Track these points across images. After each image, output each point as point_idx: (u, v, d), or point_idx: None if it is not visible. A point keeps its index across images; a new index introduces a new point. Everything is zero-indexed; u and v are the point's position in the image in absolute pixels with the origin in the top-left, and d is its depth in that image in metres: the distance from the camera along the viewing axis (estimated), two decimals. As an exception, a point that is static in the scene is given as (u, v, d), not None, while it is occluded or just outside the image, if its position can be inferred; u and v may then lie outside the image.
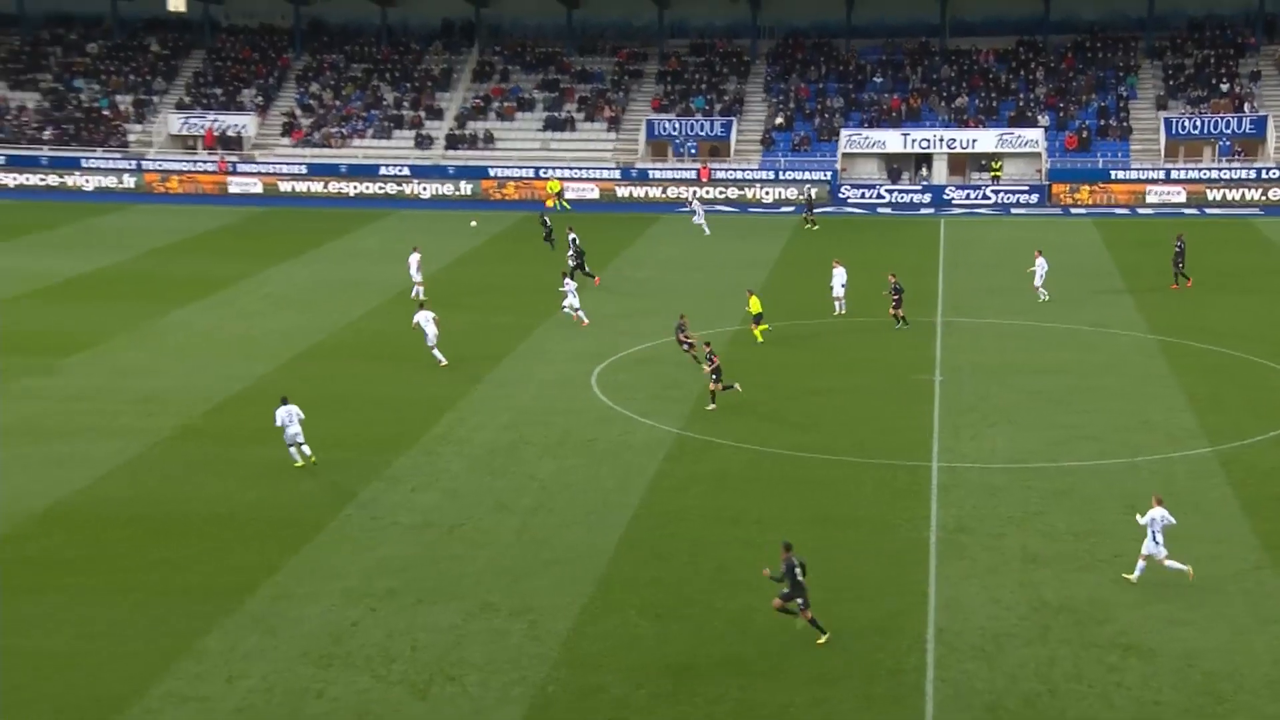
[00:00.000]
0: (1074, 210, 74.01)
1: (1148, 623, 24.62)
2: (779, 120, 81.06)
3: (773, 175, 77.83)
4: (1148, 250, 57.46)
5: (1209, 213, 72.94)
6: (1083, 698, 22.08)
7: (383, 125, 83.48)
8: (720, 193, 77.18)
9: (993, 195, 75.77)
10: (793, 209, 74.62)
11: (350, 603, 25.50)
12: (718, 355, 37.72)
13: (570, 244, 54.10)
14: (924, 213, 73.94)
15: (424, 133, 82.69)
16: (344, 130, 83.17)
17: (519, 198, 77.13)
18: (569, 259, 53.08)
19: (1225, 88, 79.47)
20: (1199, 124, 77.54)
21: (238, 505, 30.53)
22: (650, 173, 78.91)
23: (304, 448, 32.71)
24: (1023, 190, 75.66)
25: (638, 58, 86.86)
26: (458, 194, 78.46)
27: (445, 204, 76.80)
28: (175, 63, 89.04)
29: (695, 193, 71.19)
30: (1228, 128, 77.00)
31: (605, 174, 78.88)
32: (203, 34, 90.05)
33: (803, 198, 72.03)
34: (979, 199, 75.78)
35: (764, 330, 44.36)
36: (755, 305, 44.38)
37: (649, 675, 22.78)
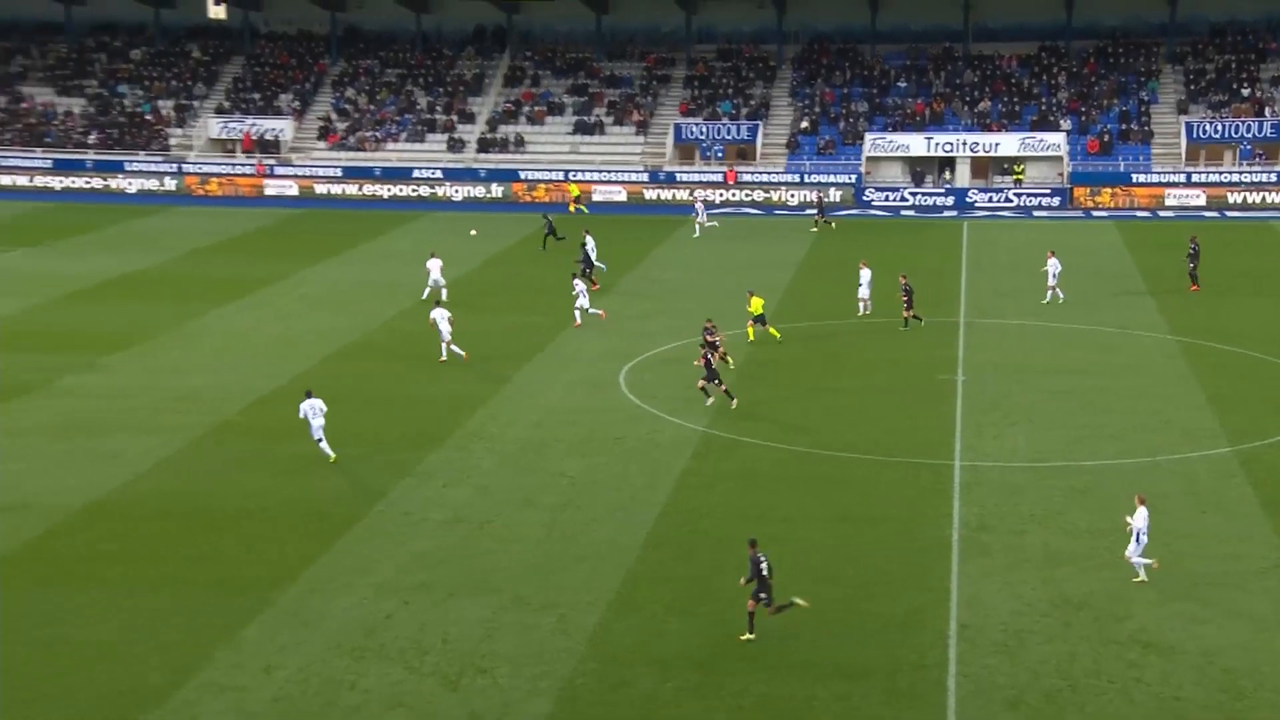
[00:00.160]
0: (1095, 213, 73.59)
1: (1167, 620, 24.46)
2: (804, 124, 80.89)
3: (798, 178, 77.63)
4: (1168, 253, 57.04)
5: (1229, 216, 72.40)
6: (1103, 693, 21.96)
7: (416, 129, 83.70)
8: (746, 195, 77.08)
9: (1015, 198, 75.39)
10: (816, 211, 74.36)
11: (383, 596, 25.57)
12: (713, 356, 37.46)
13: (580, 247, 53.91)
14: (947, 215, 73.65)
15: (456, 136, 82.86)
16: (378, 134, 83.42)
17: (549, 200, 77.15)
18: (577, 262, 52.86)
19: (1246, 92, 78.87)
20: (1220, 128, 77.00)
21: (274, 500, 30.65)
22: (677, 176, 78.84)
23: (323, 444, 32.72)
24: (1044, 193, 75.27)
25: (665, 63, 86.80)
26: (489, 196, 78.57)
27: (477, 206, 76.91)
28: (215, 69, 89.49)
29: (698, 195, 70.69)
30: (1248, 132, 76.41)
31: (633, 177, 78.84)
32: (242, 41, 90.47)
33: (814, 200, 71.79)
34: (1001, 202, 75.41)
35: (772, 331, 43.86)
36: (756, 306, 44.12)
37: (675, 669, 22.77)
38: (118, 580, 26.40)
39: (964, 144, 77.80)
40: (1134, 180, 75.07)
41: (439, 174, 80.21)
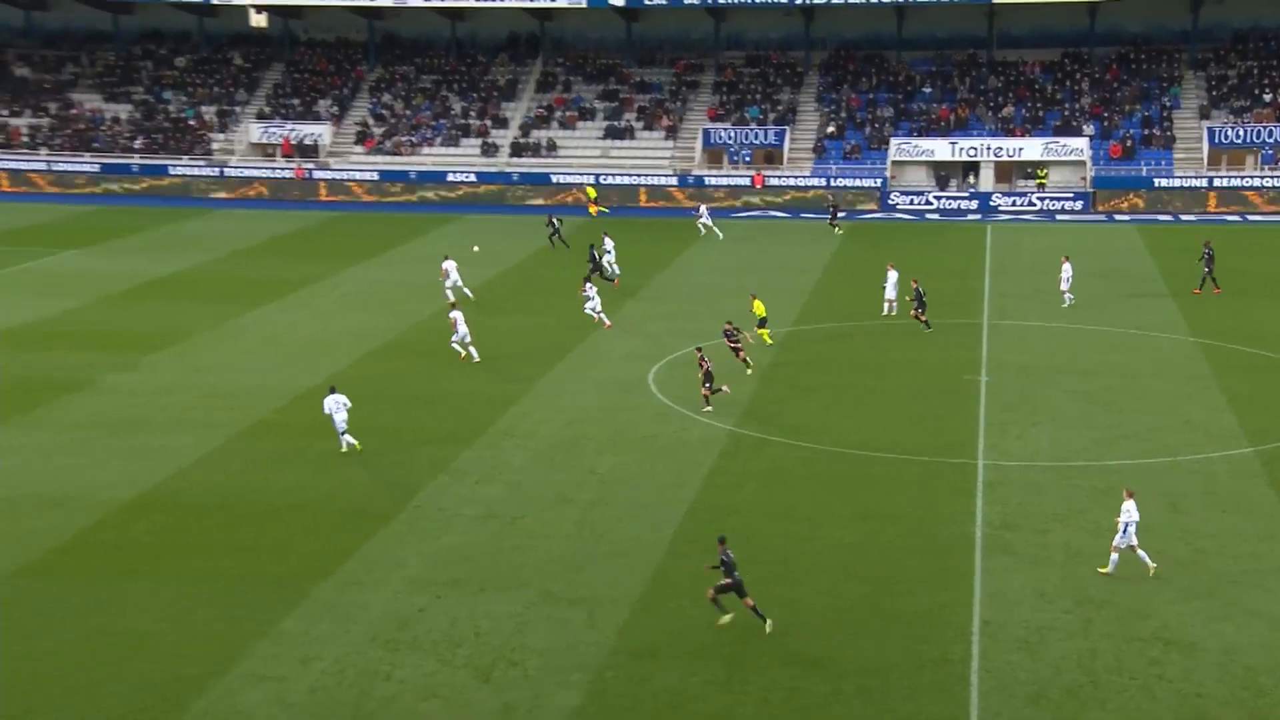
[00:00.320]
0: (1118, 217, 73.12)
1: (1189, 618, 24.29)
2: (831, 129, 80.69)
3: (824, 182, 77.39)
4: (1190, 256, 56.60)
5: (1251, 220, 71.81)
6: (1124, 689, 21.82)
7: (451, 134, 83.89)
8: (774, 199, 76.96)
9: (1038, 202, 74.95)
10: (844, 214, 74.18)
11: (417, 590, 25.64)
12: (709, 360, 37.21)
13: (589, 250, 53.75)
14: (971, 219, 73.32)
15: (490, 141, 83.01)
16: (414, 138, 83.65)
17: (581, 203, 77.22)
18: (588, 263, 52.76)
19: (1268, 98, 78.17)
20: (1242, 133, 76.33)
21: (311, 496, 30.79)
22: (706, 179, 78.77)
23: (347, 436, 33.14)
24: (1067, 197, 74.82)
25: (695, 69, 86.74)
26: (523, 199, 78.63)
27: (510, 209, 77.01)
28: (256, 75, 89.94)
29: (700, 206, 70.50)
30: (1270, 137, 75.72)
31: (662, 180, 78.82)
32: (282, 48, 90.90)
33: (827, 203, 71.61)
34: (1025, 206, 74.99)
35: (767, 335, 43.65)
36: (760, 309, 43.89)
37: (703, 663, 22.75)
38: (161, 572, 26.58)
39: (988, 149, 77.42)
40: (1156, 185, 74.52)
41: (473, 177, 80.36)
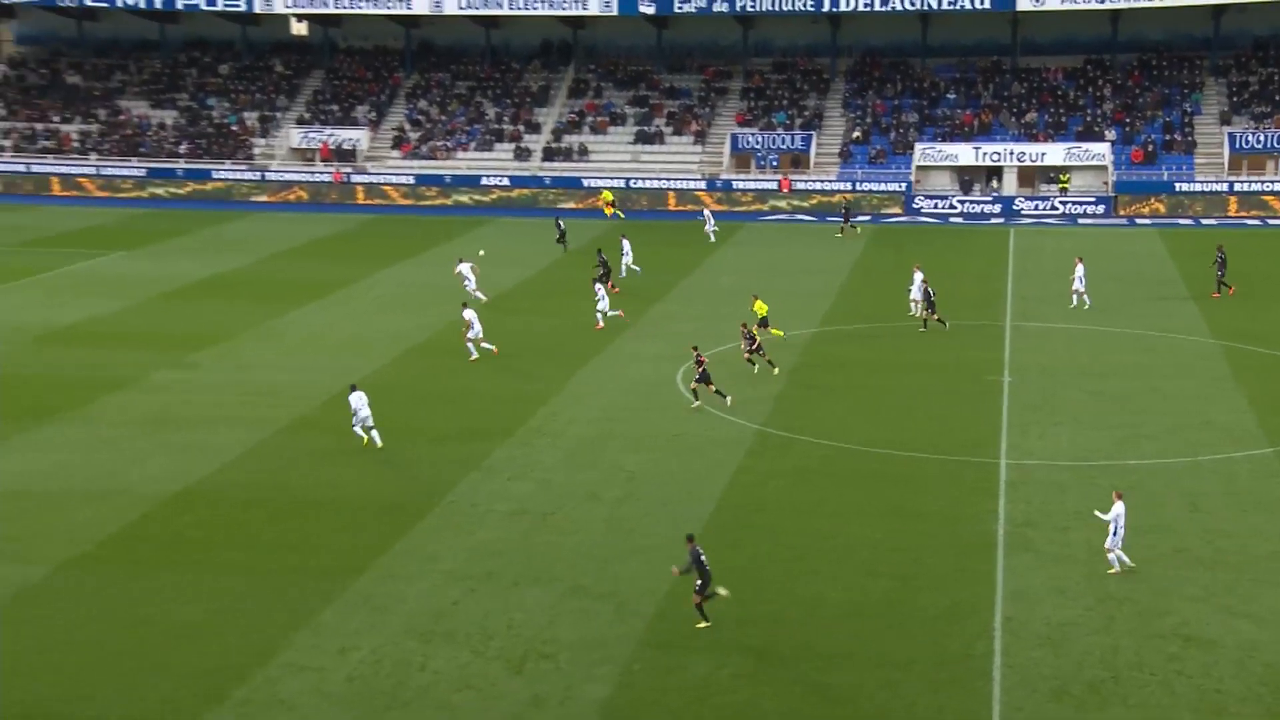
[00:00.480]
0: (1139, 220, 72.61)
1: (1209, 615, 24.11)
2: (856, 134, 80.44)
3: (850, 186, 77.19)
4: (1210, 259, 56.15)
5: (1271, 224, 71.18)
6: (1145, 685, 21.68)
7: (485, 139, 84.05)
8: (800, 203, 76.79)
9: (1060, 206, 74.51)
10: (869, 217, 74.02)
11: (451, 583, 25.71)
12: (705, 359, 37.18)
13: (598, 254, 53.60)
14: (994, 222, 72.95)
15: (523, 145, 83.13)
16: (449, 143, 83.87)
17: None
18: (597, 266, 52.54)
19: (1288, 103, 77.55)
20: (1262, 139, 75.65)
21: (348, 492, 30.91)
22: (734, 183, 78.68)
23: (373, 431, 33.42)
24: (1089, 201, 74.35)
25: (723, 75, 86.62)
26: (554, 203, 78.72)
27: (542, 212, 77.07)
28: (297, 82, 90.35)
29: (704, 210, 70.37)
30: (1290, 142, 75.12)
31: (691, 184, 78.77)
32: (322, 55, 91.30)
33: (840, 208, 71.48)
34: (1047, 210, 74.58)
35: (779, 332, 43.40)
36: (761, 309, 43.70)
37: (729, 656, 22.73)
38: (204, 564, 26.75)
39: (1011, 153, 77.01)
40: (1177, 189, 73.98)
41: (506, 181, 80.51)
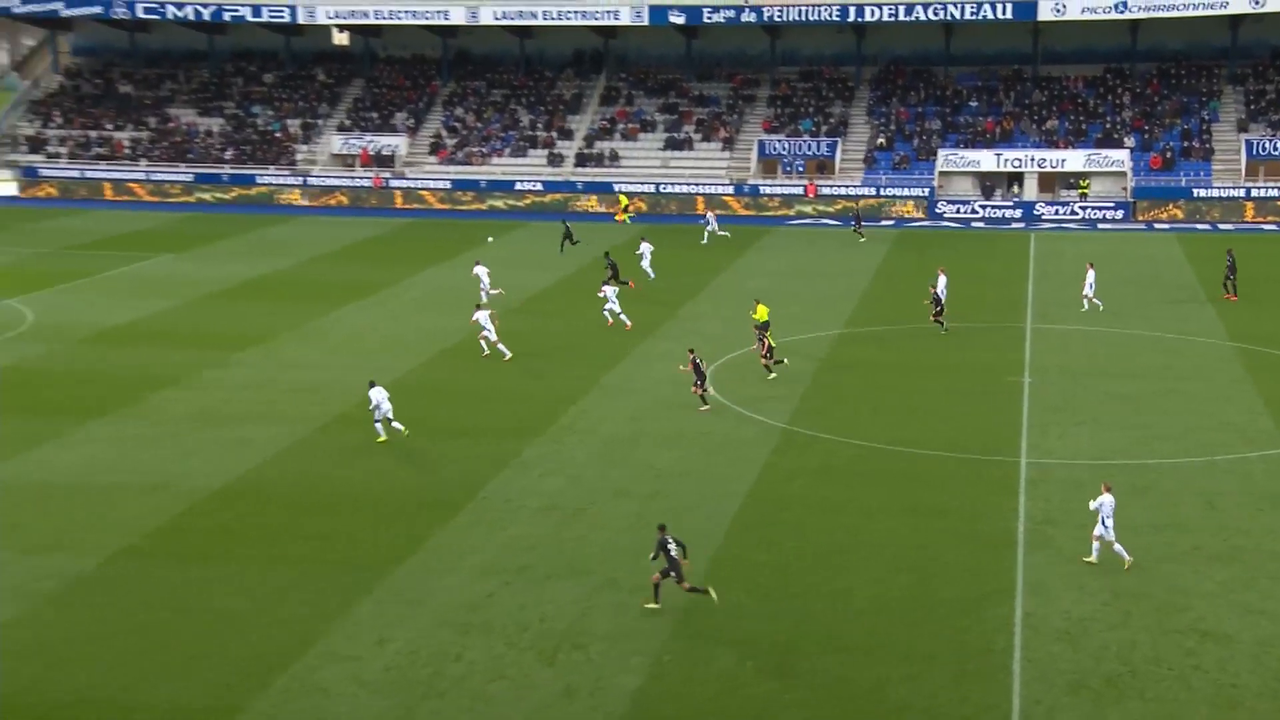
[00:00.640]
0: (1157, 225, 72.08)
1: (1225, 611, 23.90)
2: (880, 140, 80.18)
3: (874, 191, 76.98)
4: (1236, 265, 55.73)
5: (1288, 228, 70.65)
6: (1162, 679, 21.51)
7: (519, 145, 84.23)
8: (825, 208, 76.59)
9: (1080, 211, 74.08)
10: (893, 222, 73.79)
11: (485, 576, 25.74)
12: (704, 360, 37.18)
13: (606, 257, 53.38)
14: (1015, 227, 72.55)
15: (556, 151, 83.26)
16: (484, 149, 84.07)
17: (645, 209, 77.27)
18: (606, 269, 52.41)
19: (1305, 111, 76.83)
20: (1279, 145, 75.00)
21: (386, 487, 31.00)
22: (761, 189, 78.56)
23: (394, 423, 33.72)
24: (1109, 206, 73.87)
25: (751, 83, 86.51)
26: (586, 207, 78.80)
27: (574, 216, 77.10)
28: (338, 90, 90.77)
29: (709, 213, 70.21)
30: (1307, 149, 74.43)
31: (719, 190, 78.72)
32: (362, 65, 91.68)
33: (851, 211, 71.28)
34: (1067, 215, 74.15)
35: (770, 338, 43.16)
36: (762, 313, 43.51)
37: (756, 650, 22.68)
38: (247, 556, 26.88)
39: (1032, 160, 76.61)
40: (1195, 195, 73.40)
41: (539, 186, 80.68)
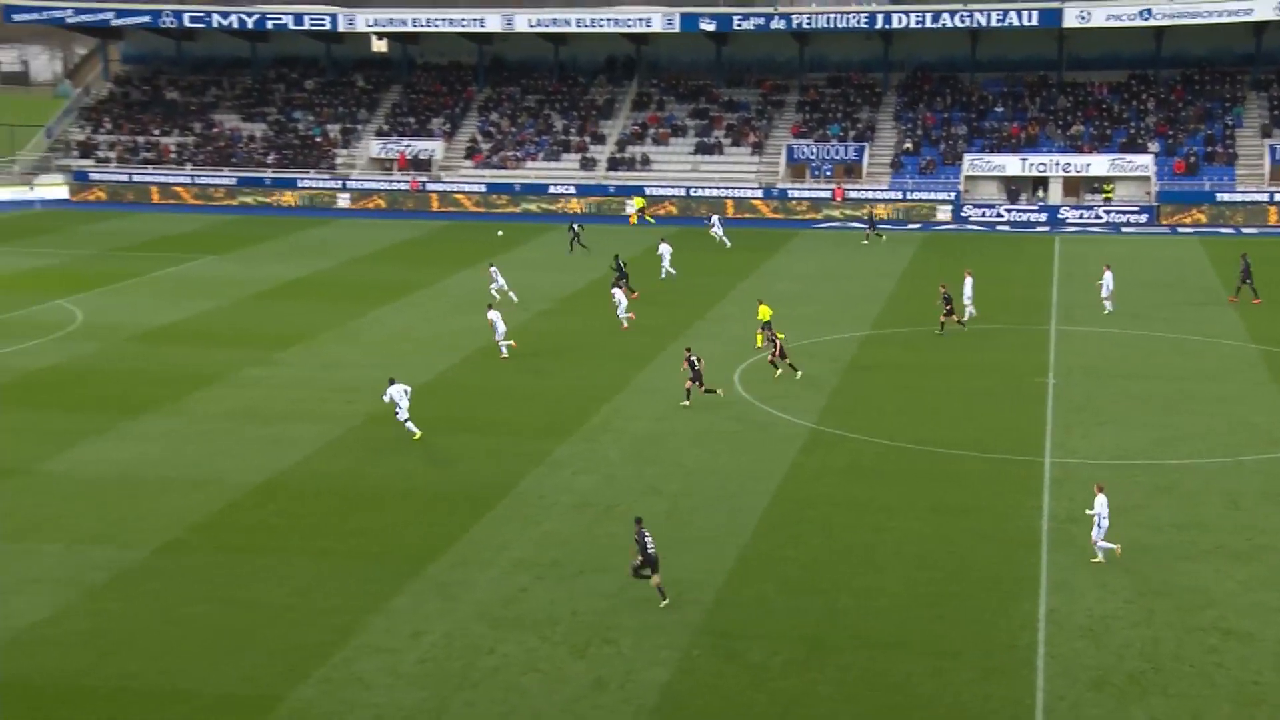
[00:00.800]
0: (1181, 230, 71.45)
1: (1247, 609, 23.66)
2: (907, 145, 79.84)
3: (901, 195, 76.69)
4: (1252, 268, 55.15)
5: (1311, 232, 69.88)
6: (1185, 676, 21.32)
7: (552, 149, 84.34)
8: (853, 211, 76.32)
9: (1104, 215, 73.54)
10: (919, 225, 73.45)
11: (519, 571, 25.78)
12: (701, 360, 37.13)
13: (615, 259, 53.39)
14: (1040, 230, 72.08)
15: (588, 156, 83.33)
16: (519, 154, 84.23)
17: (676, 213, 77.21)
18: (612, 270, 52.43)
19: (1328, 116, 75.93)
20: (1303, 150, 74.29)
21: (422, 483, 31.11)
22: (789, 192, 78.37)
23: (409, 423, 33.78)
24: (1133, 210, 73.29)
25: (780, 89, 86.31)
26: (618, 211, 78.81)
27: (607, 219, 77.19)
28: (376, 96, 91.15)
29: (713, 217, 70.00)
30: (1330, 153, 73.55)
31: (748, 193, 78.61)
32: (401, 71, 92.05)
33: (865, 215, 71.10)
34: (1091, 218, 73.60)
35: (764, 340, 42.86)
36: (765, 313, 43.36)
37: (784, 644, 22.62)
38: (287, 550, 27.02)
39: (1057, 164, 76.09)
40: (1219, 199, 72.73)
41: (572, 190, 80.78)
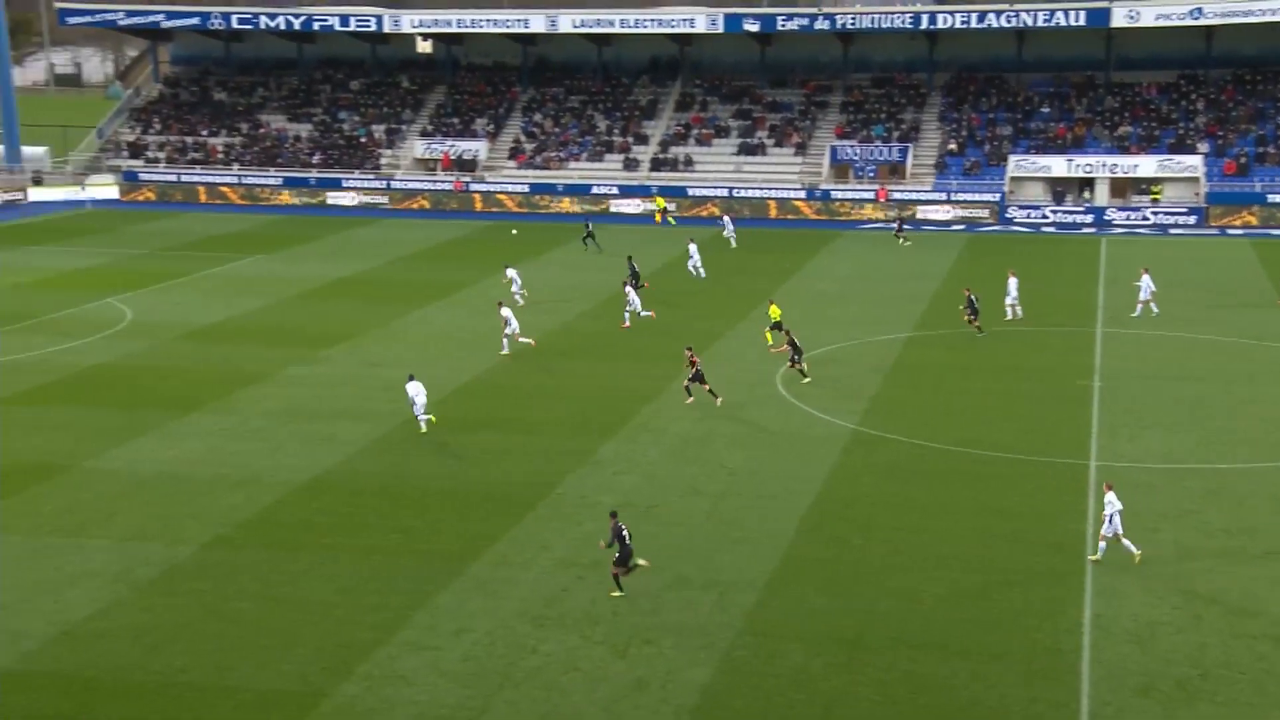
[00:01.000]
0: (1230, 231, 70.55)
1: (1297, 617, 23.33)
2: (952, 146, 79.33)
3: (945, 196, 76.21)
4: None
5: (1364, 233, 68.79)
6: (1234, 683, 21.05)
7: (595, 150, 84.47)
8: (896, 211, 75.95)
9: (1152, 216, 72.74)
10: (964, 227, 72.95)
11: (560, 571, 25.84)
12: (699, 359, 37.17)
13: (628, 261, 53.35)
14: (1086, 232, 71.42)
15: (631, 156, 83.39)
16: (562, 154, 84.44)
17: (719, 214, 77.11)
18: (627, 271, 52.41)
19: (1382, 115, 74.72)
20: (1355, 150, 73.15)
21: (465, 482, 31.23)
22: (832, 193, 78.09)
23: (425, 417, 34.42)
24: (1181, 212, 72.45)
25: (823, 90, 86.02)
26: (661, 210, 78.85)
27: (649, 220, 77.21)
28: (421, 97, 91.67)
29: (725, 217, 69.83)
30: (1384, 153, 72.37)
31: (791, 194, 78.39)
32: (445, 72, 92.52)
33: (893, 216, 70.72)
34: (1139, 220, 72.82)
35: (770, 337, 42.86)
36: (775, 313, 43.23)
37: (825, 646, 22.55)
38: (332, 548, 27.21)
39: (1104, 165, 75.33)
40: (1269, 200, 71.75)
41: (615, 190, 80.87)
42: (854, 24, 79.59)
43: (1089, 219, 73.35)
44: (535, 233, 72.30)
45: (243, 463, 32.64)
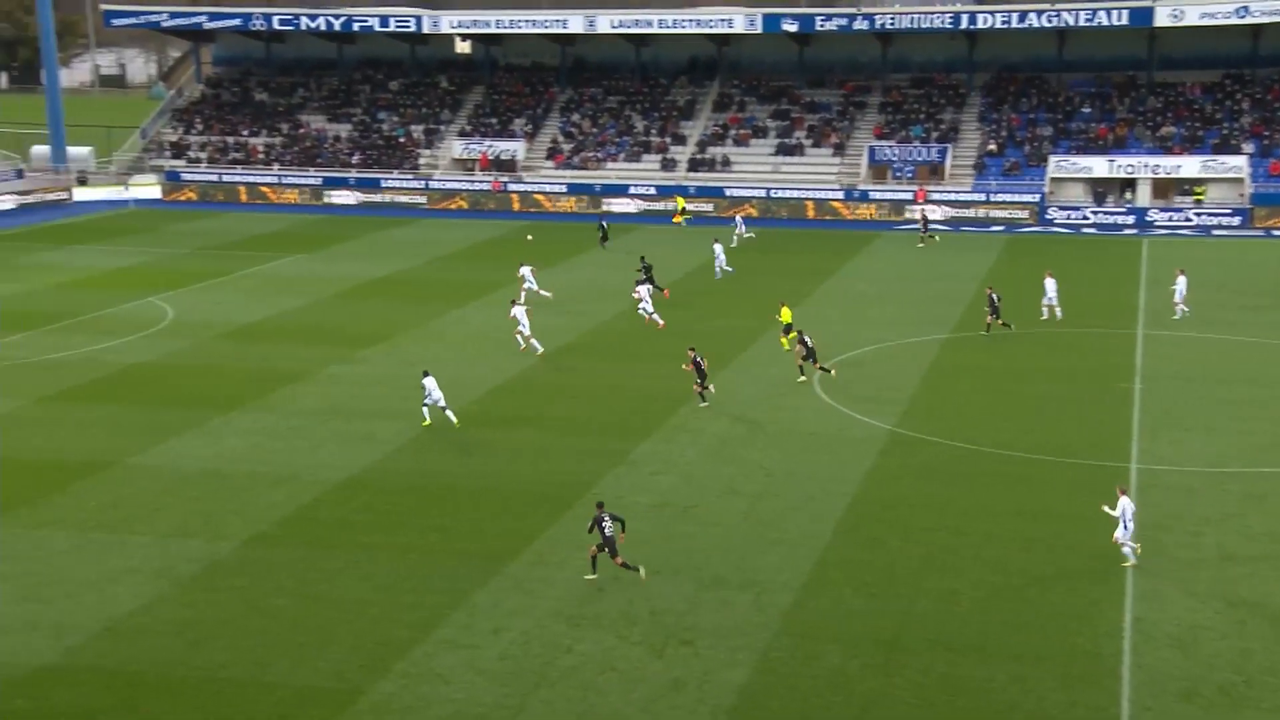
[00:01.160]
0: (1276, 232, 69.67)
1: (1343, 624, 23.02)
2: (991, 146, 78.80)
3: (984, 197, 75.71)
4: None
5: None
6: (1279, 690, 20.77)
7: (633, 150, 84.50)
8: (930, 213, 75.51)
9: (1194, 218, 71.94)
10: (1003, 228, 72.47)
11: (597, 570, 25.85)
12: (704, 358, 37.05)
13: (641, 260, 53.29)
14: (1127, 233, 70.77)
15: (669, 156, 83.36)
16: (600, 154, 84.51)
17: (756, 214, 77.00)
18: (639, 271, 52.29)
19: None
20: (1404, 150, 72.07)
21: (502, 481, 31.32)
22: (870, 194, 77.76)
23: (447, 411, 34.91)
24: (1225, 213, 71.63)
25: (862, 90, 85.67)
26: (698, 211, 78.75)
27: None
28: (460, 97, 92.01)
29: (738, 216, 69.65)
30: None
31: (829, 195, 78.12)
32: (483, 72, 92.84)
33: (917, 219, 70.42)
34: (1181, 221, 72.06)
35: (786, 342, 42.66)
36: (786, 315, 43.03)
37: (862, 647, 22.46)
38: (370, 546, 27.36)
39: (1146, 166, 74.59)
40: (1315, 200, 70.91)
41: (653, 190, 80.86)
42: (893, 24, 79.25)
43: (1130, 220, 72.66)
44: (575, 232, 72.29)
45: (282, 460, 32.88)
